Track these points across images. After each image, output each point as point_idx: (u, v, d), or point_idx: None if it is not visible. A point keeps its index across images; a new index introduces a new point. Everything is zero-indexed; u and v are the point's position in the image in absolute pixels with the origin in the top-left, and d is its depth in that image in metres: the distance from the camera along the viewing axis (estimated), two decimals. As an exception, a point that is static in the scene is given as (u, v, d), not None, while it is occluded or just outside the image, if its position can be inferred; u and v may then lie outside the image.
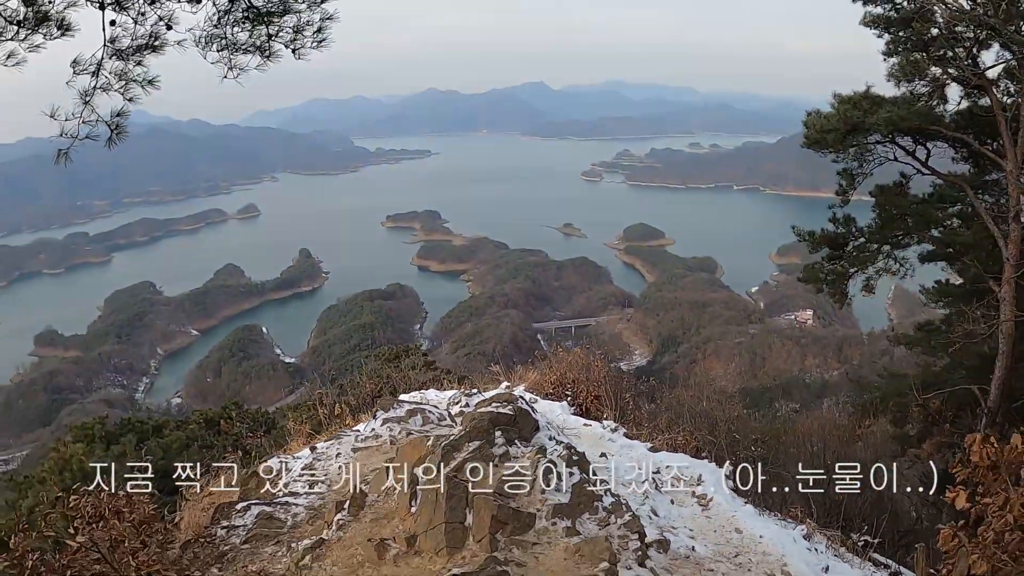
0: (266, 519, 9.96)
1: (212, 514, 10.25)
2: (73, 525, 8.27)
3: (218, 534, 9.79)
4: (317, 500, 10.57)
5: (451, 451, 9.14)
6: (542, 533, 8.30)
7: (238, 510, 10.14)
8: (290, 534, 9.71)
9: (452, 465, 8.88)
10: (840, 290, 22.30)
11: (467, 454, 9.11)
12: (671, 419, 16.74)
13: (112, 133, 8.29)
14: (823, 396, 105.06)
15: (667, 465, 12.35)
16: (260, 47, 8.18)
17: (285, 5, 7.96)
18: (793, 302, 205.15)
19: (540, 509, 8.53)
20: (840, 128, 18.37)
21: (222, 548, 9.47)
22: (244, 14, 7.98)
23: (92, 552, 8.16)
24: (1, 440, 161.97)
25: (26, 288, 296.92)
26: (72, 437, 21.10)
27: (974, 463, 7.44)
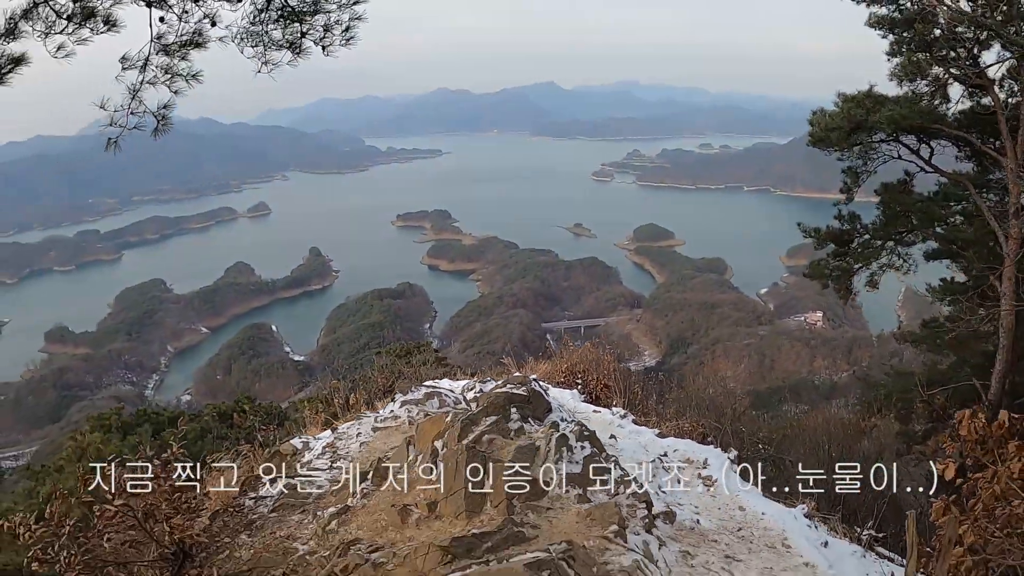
0: (291, 490, 10.51)
1: (239, 486, 10.77)
2: (110, 492, 8.76)
3: (246, 504, 10.33)
4: (340, 475, 11.09)
5: (470, 424, 9.71)
6: (555, 499, 8.85)
7: (264, 483, 10.70)
8: (315, 504, 10.24)
9: (471, 437, 9.46)
10: (845, 286, 22.63)
11: (484, 427, 9.68)
12: (679, 409, 17.12)
13: (159, 123, 8.78)
14: (832, 398, 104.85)
15: (674, 449, 12.82)
16: (292, 44, 8.68)
17: (317, 5, 8.46)
18: (803, 304, 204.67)
19: (553, 478, 9.07)
20: (844, 127, 18.68)
21: (250, 517, 10.00)
22: (279, 12, 8.49)
23: (128, 518, 8.66)
24: (11, 436, 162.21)
25: (37, 285, 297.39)
26: (89, 427, 21.58)
27: (963, 437, 7.84)
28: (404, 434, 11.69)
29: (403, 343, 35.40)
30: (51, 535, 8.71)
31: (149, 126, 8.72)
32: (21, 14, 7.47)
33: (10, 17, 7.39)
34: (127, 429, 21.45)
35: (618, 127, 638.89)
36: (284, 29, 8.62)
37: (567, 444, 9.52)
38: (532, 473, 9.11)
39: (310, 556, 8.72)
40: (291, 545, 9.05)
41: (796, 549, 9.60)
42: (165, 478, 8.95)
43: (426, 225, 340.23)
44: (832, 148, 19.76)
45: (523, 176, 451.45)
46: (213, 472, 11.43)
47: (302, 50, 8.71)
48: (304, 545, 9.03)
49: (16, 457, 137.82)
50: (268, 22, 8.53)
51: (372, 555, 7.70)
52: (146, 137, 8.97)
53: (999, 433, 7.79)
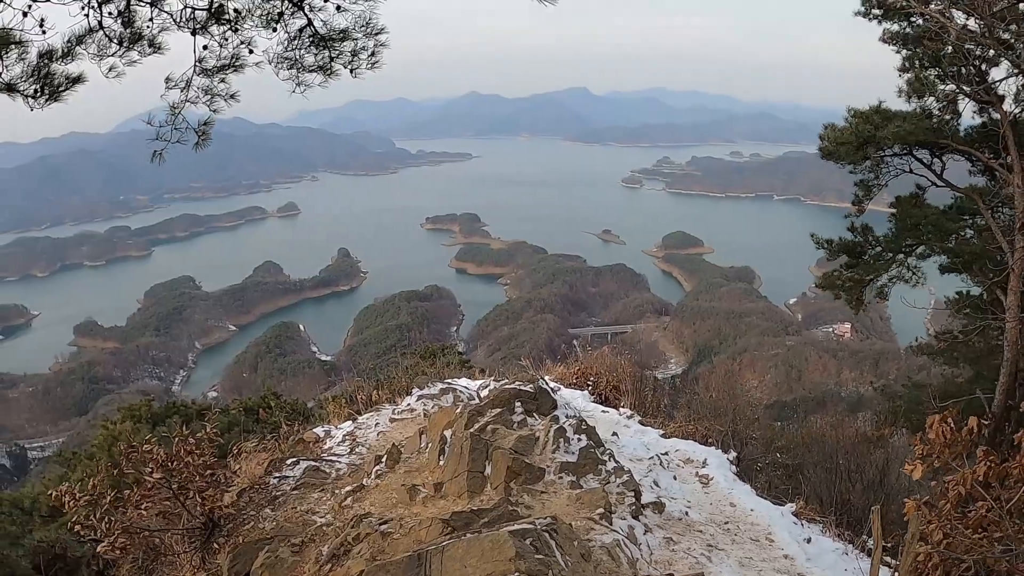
0: (313, 471, 11.36)
1: (265, 467, 11.61)
2: (148, 467, 9.59)
3: (271, 483, 11.19)
4: (358, 460, 11.99)
5: (475, 415, 10.53)
6: (550, 484, 9.64)
7: (288, 464, 11.60)
8: (334, 484, 11.10)
9: (476, 426, 10.27)
10: (856, 297, 22.98)
11: (489, 418, 10.49)
12: (688, 413, 17.61)
13: (199, 138, 9.65)
14: (858, 410, 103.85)
15: (676, 448, 13.49)
16: (323, 67, 9.50)
17: (344, 33, 9.25)
18: (831, 315, 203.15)
19: (549, 465, 9.88)
20: (853, 141, 19.12)
21: (274, 494, 10.86)
22: (311, 40, 9.30)
23: (164, 490, 9.49)
24: (39, 427, 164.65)
25: (68, 279, 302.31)
26: (120, 417, 22.33)
27: (932, 440, 8.43)
28: (418, 425, 12.50)
29: (428, 345, 35.87)
30: (93, 505, 9.55)
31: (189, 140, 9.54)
32: (77, 39, 8.26)
33: (68, 41, 8.18)
34: (156, 420, 22.07)
35: (648, 133, 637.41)
36: (315, 55, 9.44)
37: (564, 436, 10.27)
38: (530, 460, 9.88)
39: (327, 527, 9.52)
40: (310, 518, 9.89)
41: (778, 543, 10.20)
42: (199, 455, 9.75)
43: (455, 228, 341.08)
44: (842, 162, 20.21)
45: (553, 181, 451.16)
46: (242, 453, 12.27)
47: (332, 72, 9.52)
48: (322, 518, 9.85)
49: (43, 448, 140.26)
50: (300, 48, 9.33)
51: (381, 526, 8.44)
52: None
53: (967, 438, 8.36)
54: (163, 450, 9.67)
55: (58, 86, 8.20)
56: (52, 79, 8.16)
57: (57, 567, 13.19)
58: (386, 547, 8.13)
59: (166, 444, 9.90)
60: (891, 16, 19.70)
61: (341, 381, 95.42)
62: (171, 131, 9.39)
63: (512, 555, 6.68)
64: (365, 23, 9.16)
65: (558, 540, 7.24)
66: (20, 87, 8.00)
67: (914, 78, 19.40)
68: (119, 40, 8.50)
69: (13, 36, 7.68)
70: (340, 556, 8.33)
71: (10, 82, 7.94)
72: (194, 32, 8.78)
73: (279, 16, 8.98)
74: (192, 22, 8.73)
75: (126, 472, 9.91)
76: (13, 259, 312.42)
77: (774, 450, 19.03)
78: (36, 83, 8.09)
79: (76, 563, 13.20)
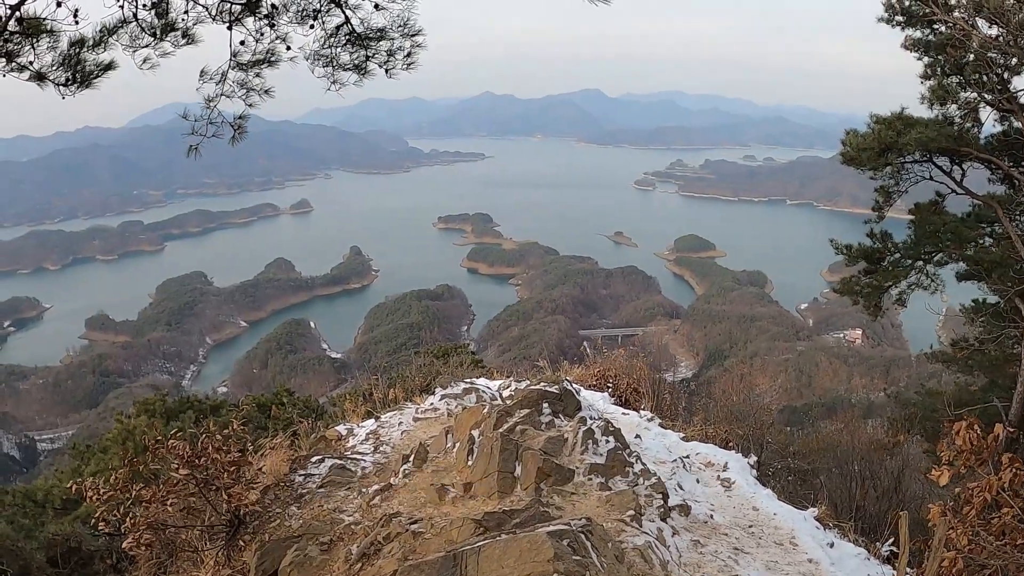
0: (339, 469, 11.36)
1: (290, 464, 11.64)
2: (174, 461, 9.65)
3: (296, 480, 11.19)
4: (382, 459, 11.96)
5: (504, 415, 10.53)
6: (579, 486, 9.64)
7: (313, 462, 11.60)
8: (360, 482, 11.07)
9: (505, 427, 10.28)
10: (874, 303, 22.89)
11: (518, 419, 10.50)
12: (706, 416, 17.63)
13: (235, 132, 9.65)
14: (869, 417, 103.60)
15: (697, 452, 13.49)
16: (358, 66, 9.51)
17: (382, 32, 9.26)
18: (843, 320, 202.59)
19: (578, 467, 9.89)
20: (874, 147, 19.05)
21: (300, 492, 10.86)
22: (347, 38, 9.31)
23: (190, 486, 9.54)
24: (48, 419, 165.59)
25: (80, 273, 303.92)
26: (135, 411, 22.42)
27: (958, 447, 8.43)
28: (443, 424, 12.49)
29: (441, 344, 35.93)
30: (117, 498, 9.61)
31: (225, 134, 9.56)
32: (110, 29, 8.30)
33: (100, 31, 8.21)
34: (171, 415, 22.18)
35: (662, 136, 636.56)
36: (351, 53, 9.45)
37: (593, 437, 10.28)
38: (559, 461, 9.88)
39: (355, 526, 9.50)
40: (338, 516, 9.86)
41: (802, 547, 10.21)
42: (226, 451, 9.80)
43: (467, 228, 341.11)
44: (863, 167, 20.16)
45: (565, 183, 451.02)
46: (266, 449, 12.30)
47: (367, 72, 9.53)
48: (350, 517, 9.80)
49: (52, 440, 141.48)
50: (336, 46, 9.35)
51: (412, 526, 8.47)
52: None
53: (993, 445, 8.37)
54: (189, 445, 9.70)
55: (89, 73, 8.21)
56: (83, 67, 8.18)
57: (73, 561, 13.25)
58: (417, 547, 8.15)
59: (191, 439, 9.92)
60: (914, 23, 19.69)
61: (352, 379, 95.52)
62: (206, 125, 9.36)
63: (551, 556, 6.71)
64: (403, 23, 9.16)
65: (593, 541, 7.27)
66: (51, 75, 8.03)
67: (936, 85, 19.40)
68: (152, 31, 8.53)
69: (44, 25, 7.71)
70: (371, 555, 8.35)
71: (40, 71, 7.97)
72: (230, 26, 8.80)
73: (316, 12, 9.01)
74: (228, 15, 8.76)
75: (148, 467, 9.94)
76: (26, 252, 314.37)
77: (788, 454, 19.01)
78: (67, 71, 8.11)
79: (90, 556, 13.24)
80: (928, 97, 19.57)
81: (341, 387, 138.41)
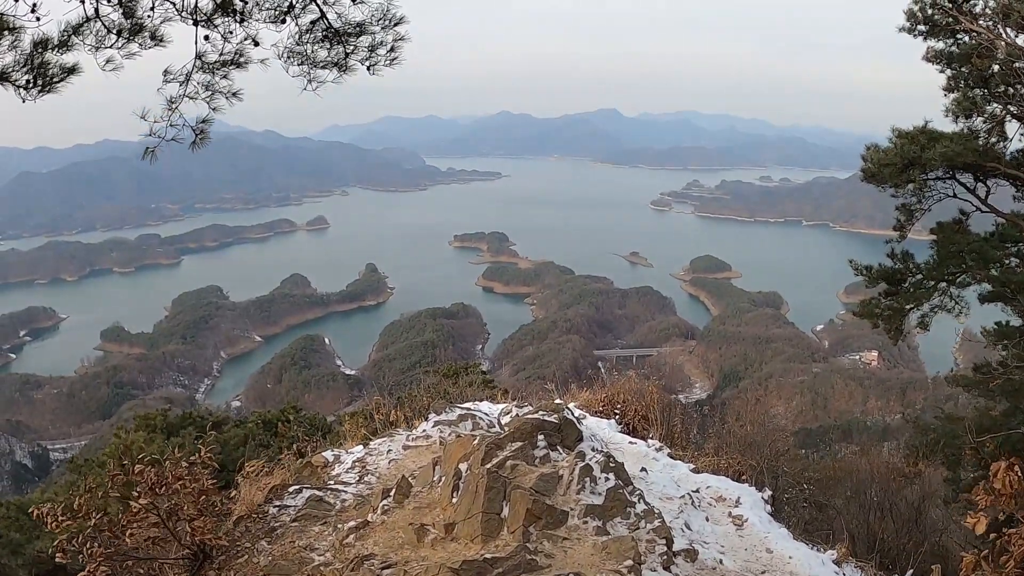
0: (316, 502, 10.56)
1: (266, 494, 10.85)
2: (136, 490, 8.89)
3: (270, 512, 10.41)
4: (366, 490, 11.13)
5: (494, 449, 9.61)
6: (573, 530, 8.72)
7: (290, 492, 10.79)
8: (337, 516, 10.28)
9: (494, 461, 9.36)
10: (895, 326, 21.99)
11: (509, 452, 9.57)
12: (718, 444, 16.85)
13: (196, 137, 8.92)
14: (885, 440, 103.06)
15: (707, 485, 12.62)
16: (337, 63, 8.79)
17: (361, 27, 8.54)
18: (859, 342, 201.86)
19: (573, 508, 8.95)
20: (897, 163, 18.30)
21: (272, 524, 10.08)
22: (324, 34, 8.60)
23: (152, 516, 8.77)
24: (62, 428, 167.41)
25: (97, 284, 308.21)
26: (134, 426, 21.87)
27: (997, 490, 7.60)
28: (434, 454, 11.63)
29: (452, 363, 35.31)
30: (78, 527, 8.85)
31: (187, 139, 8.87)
32: (73, 28, 7.65)
33: (64, 30, 7.58)
34: (171, 430, 21.68)
35: (679, 156, 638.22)
36: (329, 49, 8.74)
37: (591, 475, 9.33)
38: (552, 501, 8.98)
39: (324, 567, 8.75)
40: (308, 555, 9.13)
41: (821, 598, 9.42)
42: (192, 479, 9.05)
43: (483, 247, 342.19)
44: (885, 184, 19.38)
45: (581, 202, 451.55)
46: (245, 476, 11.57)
47: (348, 68, 8.82)
48: (320, 556, 9.08)
49: (65, 449, 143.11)
50: (312, 42, 8.65)
51: (384, 571, 7.75)
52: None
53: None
54: (154, 472, 8.96)
55: (52, 77, 7.61)
56: (46, 69, 7.57)
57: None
58: (387, 596, 7.40)
59: (158, 465, 9.17)
60: (937, 33, 18.95)
61: (364, 396, 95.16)
62: (166, 128, 8.63)
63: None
64: (383, 15, 8.47)
65: (582, 601, 6.47)
66: (13, 76, 7.44)
67: (962, 96, 18.61)
68: (118, 31, 7.84)
69: (8, 22, 7.13)
70: (336, 604, 7.59)
71: (2, 70, 7.41)
72: (196, 23, 8.10)
73: (289, 8, 8.29)
74: (196, 12, 8.06)
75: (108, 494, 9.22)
76: (44, 262, 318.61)
77: (803, 480, 18.21)
78: (29, 73, 7.52)
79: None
80: (953, 110, 18.77)
81: (354, 404, 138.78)
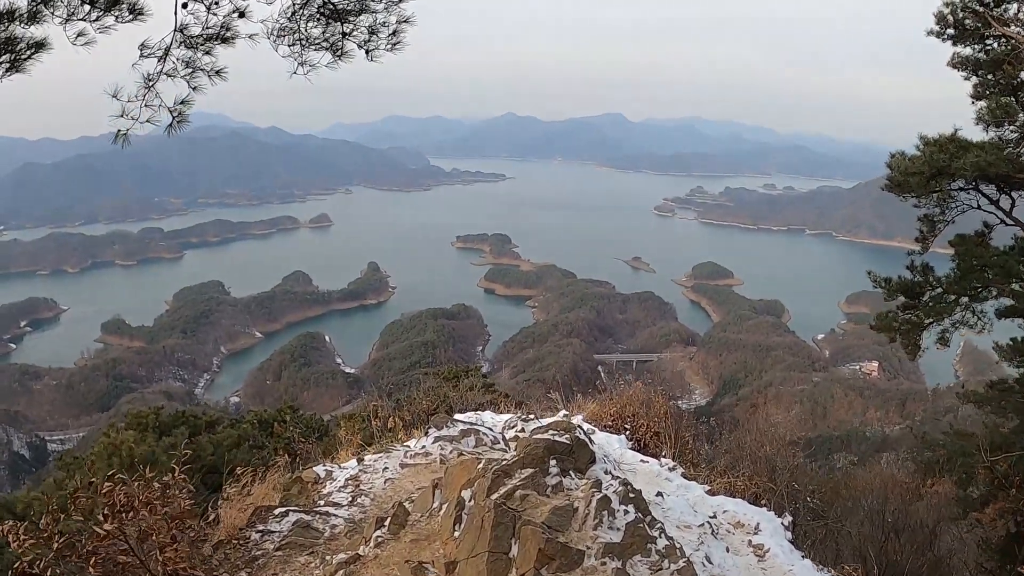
0: (303, 527, 9.57)
1: (249, 516, 9.92)
2: (103, 512, 8.05)
3: (252, 537, 9.44)
4: (358, 513, 10.10)
5: (502, 476, 8.49)
6: (590, 572, 7.65)
7: (276, 515, 9.75)
8: (326, 546, 9.32)
9: (502, 491, 8.23)
10: (913, 341, 21.25)
11: (518, 481, 8.47)
12: (731, 462, 16.13)
13: (173, 120, 8.03)
14: (883, 450, 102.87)
15: (724, 510, 11.82)
16: (333, 45, 7.91)
17: (362, 4, 7.69)
18: (859, 352, 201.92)
19: (590, 547, 7.87)
20: (925, 172, 17.61)
21: (254, 552, 9.13)
22: (320, 10, 7.75)
23: (119, 542, 7.93)
24: (60, 420, 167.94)
25: (98, 276, 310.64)
26: (125, 424, 21.16)
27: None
28: (434, 473, 10.67)
29: (451, 366, 34.77)
30: (40, 548, 8.02)
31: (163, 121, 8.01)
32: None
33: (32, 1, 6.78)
34: (164, 430, 20.97)
35: (683, 162, 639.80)
36: (325, 28, 7.85)
37: (608, 507, 8.34)
38: (567, 539, 7.95)
39: (309, 609, 7.84)
40: (292, 592, 8.24)
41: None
42: (163, 503, 8.21)
43: (485, 248, 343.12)
44: (910, 194, 18.64)
45: (585, 206, 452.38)
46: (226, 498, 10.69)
47: (344, 52, 7.95)
48: (305, 593, 8.20)
49: (63, 441, 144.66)
50: (306, 19, 7.77)
51: (376, 620, 6.88)
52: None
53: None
54: (124, 492, 8.11)
55: (20, 52, 6.80)
56: (14, 45, 6.76)
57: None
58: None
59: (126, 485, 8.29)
60: (965, 38, 18.21)
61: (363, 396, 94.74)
62: (140, 109, 7.76)
63: None
64: None
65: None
66: None
67: (995, 104, 17.82)
68: (92, 2, 7.00)
69: None
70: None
71: None
72: None
73: None
74: None
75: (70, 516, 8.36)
76: (45, 253, 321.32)
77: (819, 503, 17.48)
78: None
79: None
80: (984, 117, 17.98)
81: (352, 403, 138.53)
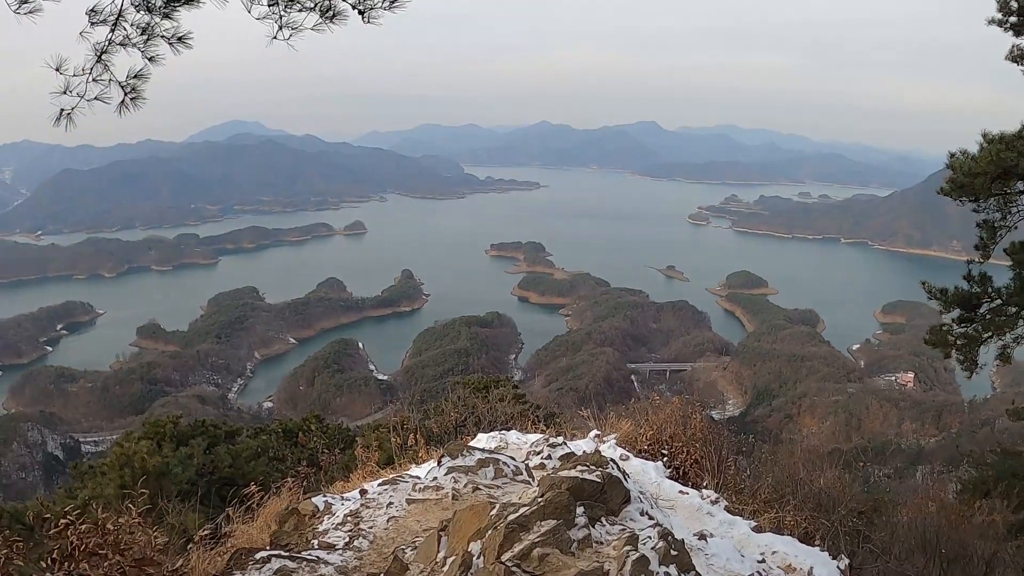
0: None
1: (227, 560, 8.52)
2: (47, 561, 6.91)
3: (229, 587, 8.05)
4: (353, 560, 8.53)
5: (517, 530, 6.86)
6: (622, 660, 6.20)
7: (256, 560, 8.13)
8: (310, 603, 7.91)
9: (516, 550, 6.61)
10: (971, 357, 19.69)
11: (537, 536, 6.75)
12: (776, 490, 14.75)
13: (125, 96, 6.78)
14: (918, 463, 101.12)
15: (773, 551, 10.46)
16: (321, 6, 6.58)
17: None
18: (895, 363, 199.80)
19: (624, 626, 6.37)
20: (991, 171, 16.20)
21: (225, 609, 7.75)
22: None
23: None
24: (95, 422, 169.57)
25: (134, 281, 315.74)
26: (141, 433, 20.25)
27: None
28: (444, 511, 9.21)
29: (482, 376, 33.75)
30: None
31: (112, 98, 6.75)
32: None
33: None
34: (181, 440, 19.98)
35: (717, 170, 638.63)
36: None
37: (647, 570, 6.72)
38: (595, 615, 6.45)
39: None
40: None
41: None
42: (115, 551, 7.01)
43: (519, 256, 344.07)
44: (973, 196, 17.18)
45: (619, 214, 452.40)
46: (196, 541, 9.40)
47: (336, 13, 6.59)
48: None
49: (97, 443, 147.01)
50: None
51: None
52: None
53: None
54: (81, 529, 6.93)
55: None
56: None
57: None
58: None
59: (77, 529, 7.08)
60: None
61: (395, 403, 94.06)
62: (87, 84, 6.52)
63: None
64: None
65: None
66: None
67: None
68: None
69: None
70: None
71: None
72: None
73: None
74: None
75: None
76: (83, 258, 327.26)
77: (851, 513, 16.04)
78: None
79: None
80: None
81: (384, 410, 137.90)
